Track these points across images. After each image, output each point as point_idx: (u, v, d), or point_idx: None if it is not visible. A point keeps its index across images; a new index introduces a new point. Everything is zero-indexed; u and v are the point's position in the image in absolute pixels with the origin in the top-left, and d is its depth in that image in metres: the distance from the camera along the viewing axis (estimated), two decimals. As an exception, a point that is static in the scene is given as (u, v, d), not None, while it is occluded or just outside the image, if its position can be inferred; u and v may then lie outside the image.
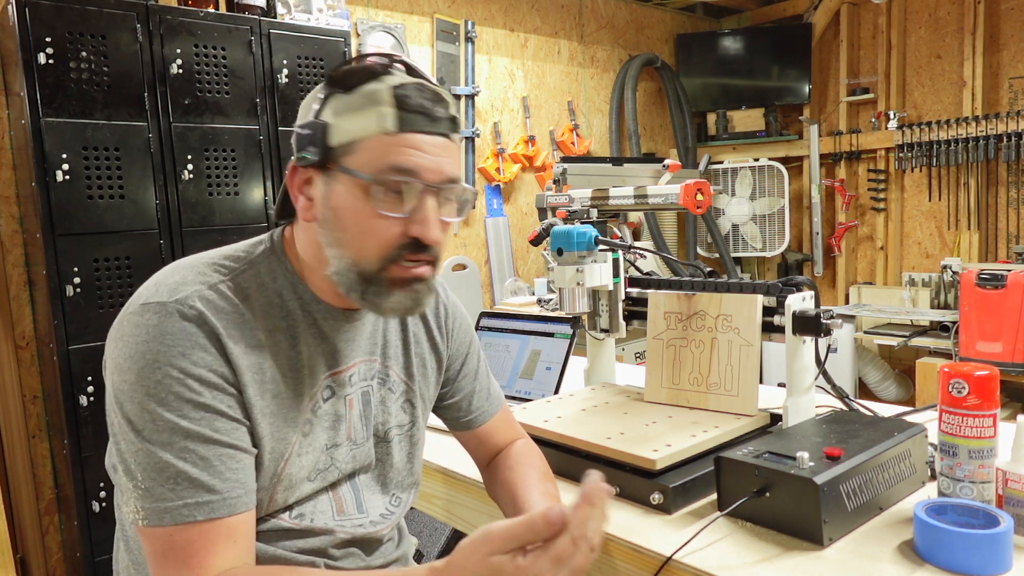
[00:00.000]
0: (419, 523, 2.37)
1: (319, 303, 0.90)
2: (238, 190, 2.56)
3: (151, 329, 0.78)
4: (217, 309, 0.82)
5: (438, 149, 0.83)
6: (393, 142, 0.81)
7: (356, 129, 0.82)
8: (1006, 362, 3.35)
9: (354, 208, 0.82)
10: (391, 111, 0.81)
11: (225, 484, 0.78)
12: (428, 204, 0.83)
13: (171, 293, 0.81)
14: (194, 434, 0.77)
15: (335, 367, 0.92)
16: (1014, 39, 4.08)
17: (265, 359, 0.84)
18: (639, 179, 1.49)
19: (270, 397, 0.84)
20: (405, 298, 0.85)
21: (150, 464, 0.76)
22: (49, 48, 2.15)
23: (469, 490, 1.21)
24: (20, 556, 2.61)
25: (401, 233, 0.83)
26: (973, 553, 0.82)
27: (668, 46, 5.04)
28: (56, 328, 2.21)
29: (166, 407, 0.77)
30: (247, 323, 0.84)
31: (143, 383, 0.77)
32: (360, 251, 0.83)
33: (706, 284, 1.33)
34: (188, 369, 0.78)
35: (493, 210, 4.11)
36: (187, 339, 0.78)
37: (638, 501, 1.06)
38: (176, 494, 0.76)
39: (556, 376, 1.57)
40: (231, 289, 0.84)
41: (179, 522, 0.75)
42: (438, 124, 0.84)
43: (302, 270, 0.90)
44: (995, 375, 0.92)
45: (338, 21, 2.93)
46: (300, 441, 0.87)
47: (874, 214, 4.65)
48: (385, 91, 0.81)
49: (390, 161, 0.81)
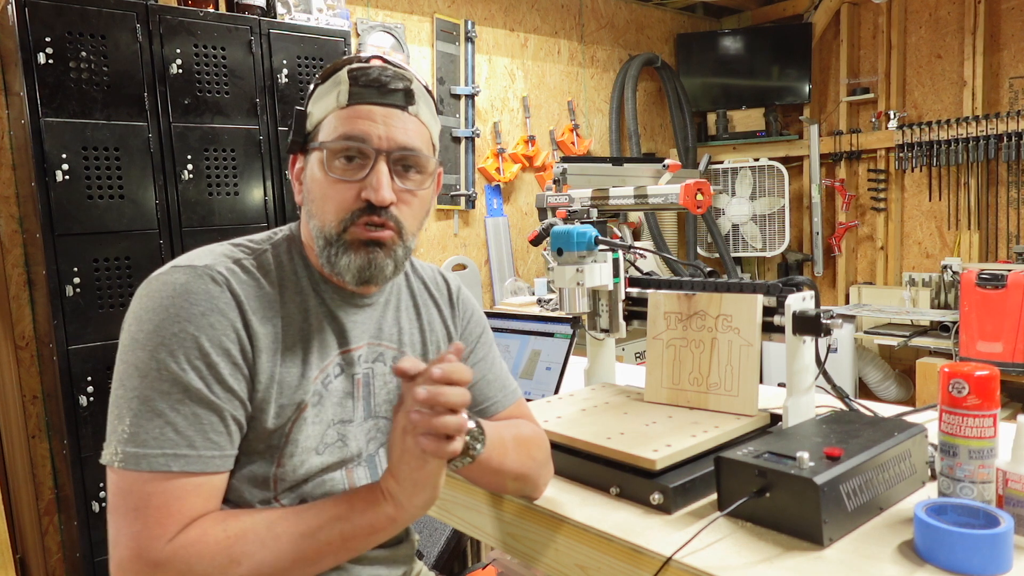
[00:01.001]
0: (419, 523, 2.37)
1: (327, 283, 0.96)
2: (238, 190, 2.56)
3: (178, 287, 0.84)
4: (241, 280, 0.88)
5: (390, 119, 0.90)
6: (345, 114, 0.89)
7: (321, 110, 0.92)
8: (1006, 362, 3.35)
9: (319, 179, 0.91)
10: (345, 87, 0.90)
11: (205, 443, 0.81)
12: (379, 168, 0.89)
13: (201, 261, 0.87)
14: (193, 390, 0.81)
15: (345, 346, 0.96)
16: (1014, 39, 4.08)
17: (280, 329, 0.90)
18: (639, 179, 1.49)
19: (280, 364, 0.89)
20: (360, 259, 0.90)
21: (144, 410, 0.80)
22: (49, 48, 2.15)
23: (469, 490, 1.21)
24: (20, 556, 2.61)
25: (355, 196, 0.89)
26: (973, 553, 0.82)
27: (668, 46, 5.04)
28: (56, 328, 2.21)
29: (175, 359, 0.81)
30: (266, 296, 0.90)
31: (160, 333, 0.81)
32: (323, 216, 0.90)
33: (706, 284, 1.33)
34: (205, 329, 0.83)
35: (493, 210, 4.11)
36: (210, 300, 0.84)
37: (638, 501, 1.06)
38: (158, 443, 0.79)
39: (556, 376, 1.57)
40: (254, 265, 0.91)
41: (154, 469, 0.78)
42: (391, 96, 0.90)
43: (310, 253, 0.96)
44: (995, 375, 0.92)
45: (338, 21, 2.93)
46: (309, 410, 0.91)
47: (874, 214, 4.65)
48: (344, 73, 0.91)
49: (341, 130, 0.89)
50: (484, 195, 4.07)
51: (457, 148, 3.92)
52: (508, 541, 1.14)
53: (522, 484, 1.05)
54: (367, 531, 0.84)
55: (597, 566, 1.00)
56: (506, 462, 0.98)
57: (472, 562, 2.34)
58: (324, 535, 0.83)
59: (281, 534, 0.81)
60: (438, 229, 3.89)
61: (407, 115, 0.91)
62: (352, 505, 0.85)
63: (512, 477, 1.01)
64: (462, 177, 3.94)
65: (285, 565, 0.81)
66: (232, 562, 0.78)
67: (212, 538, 0.79)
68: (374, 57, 0.93)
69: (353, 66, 0.91)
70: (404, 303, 1.06)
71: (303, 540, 0.82)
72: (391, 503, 0.84)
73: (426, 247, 3.84)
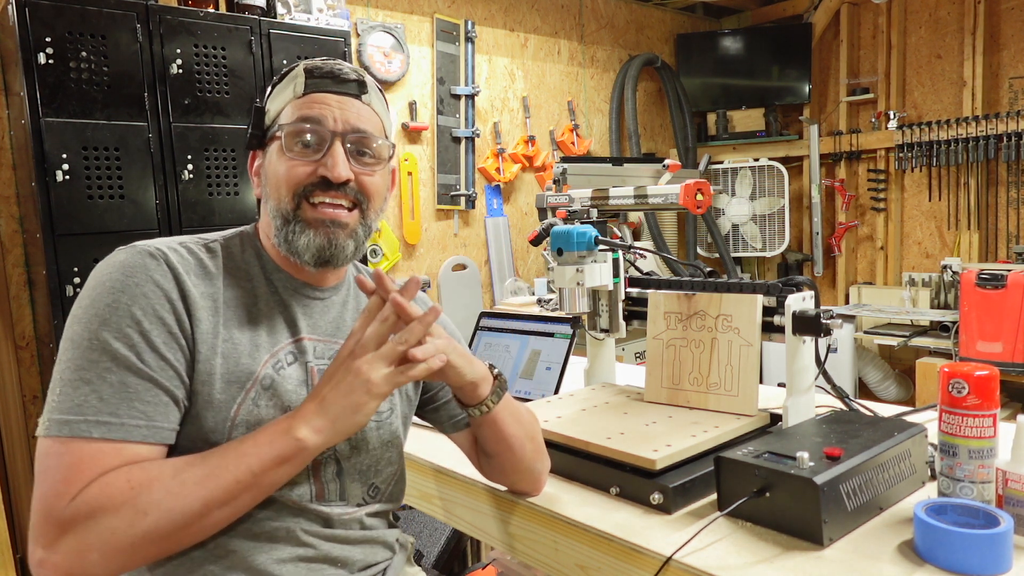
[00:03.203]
0: (419, 523, 2.37)
1: (280, 271, 0.98)
2: (238, 190, 2.56)
3: (117, 264, 0.86)
4: (181, 257, 0.90)
5: (344, 104, 0.94)
6: (302, 101, 0.94)
7: (278, 104, 0.96)
8: (1006, 362, 3.35)
9: (276, 163, 0.94)
10: (302, 79, 0.95)
11: (130, 411, 0.80)
12: (335, 148, 0.92)
13: (144, 244, 0.90)
14: (121, 357, 0.81)
15: (297, 335, 0.96)
16: (1014, 39, 4.08)
17: (223, 305, 0.90)
18: (639, 179, 1.49)
19: (223, 340, 0.89)
20: (320, 238, 0.92)
21: (73, 379, 0.80)
22: (49, 48, 2.15)
23: (467, 489, 1.21)
24: (20, 556, 2.61)
25: (311, 172, 0.92)
26: (973, 553, 0.82)
27: (668, 46, 5.04)
28: (56, 328, 2.21)
29: (107, 327, 0.81)
30: (208, 272, 0.92)
31: (95, 306, 0.83)
32: (278, 194, 0.93)
33: (706, 284, 1.33)
34: (139, 299, 0.83)
35: (493, 210, 4.11)
36: (145, 272, 0.85)
37: (638, 501, 1.06)
38: (81, 410, 0.78)
39: (556, 376, 1.57)
40: (200, 249, 0.94)
41: (75, 435, 0.78)
42: (344, 85, 0.95)
43: (267, 246, 0.98)
44: (995, 375, 0.92)
45: (338, 21, 2.93)
46: (258, 391, 0.89)
47: (874, 214, 4.65)
48: (299, 68, 0.96)
49: (298, 115, 0.93)
50: (484, 195, 4.07)
51: (457, 148, 3.92)
52: (508, 541, 1.14)
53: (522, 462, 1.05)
54: (276, 462, 0.81)
55: (597, 566, 1.00)
56: (513, 430, 1.01)
57: (472, 562, 2.34)
58: (230, 474, 0.79)
59: (187, 480, 0.78)
60: (438, 229, 3.90)
61: (360, 103, 0.96)
62: (256, 440, 0.82)
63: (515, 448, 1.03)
64: (462, 177, 3.94)
65: (196, 509, 0.78)
66: (139, 513, 0.76)
67: (116, 489, 0.76)
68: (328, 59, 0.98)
69: (308, 63, 0.96)
70: (363, 303, 1.05)
71: (210, 481, 0.79)
72: (305, 428, 0.82)
73: (426, 247, 3.84)
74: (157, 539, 0.77)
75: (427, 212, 3.84)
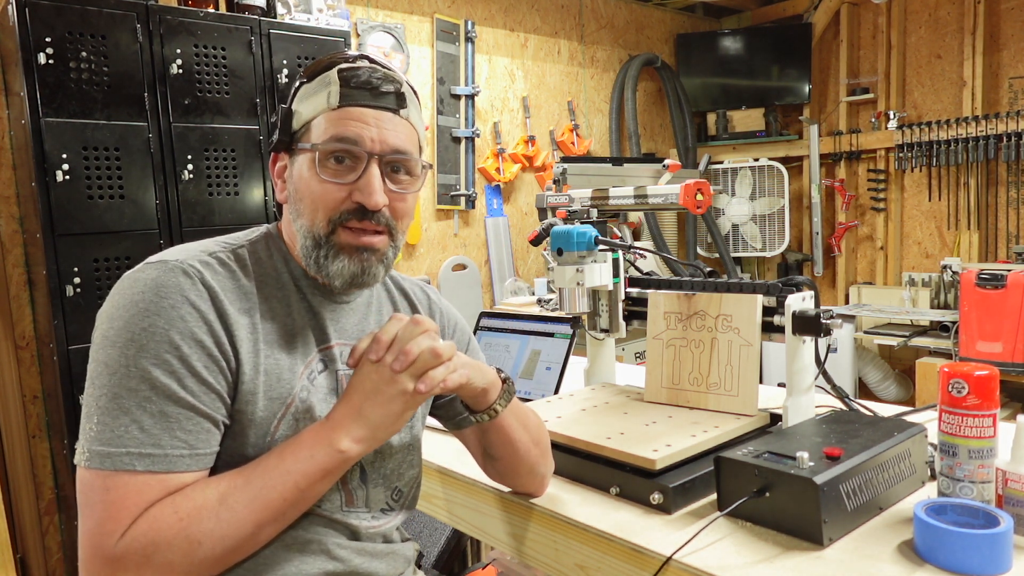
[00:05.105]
0: (419, 523, 2.37)
1: (307, 278, 0.95)
2: (238, 190, 2.56)
3: (149, 282, 0.82)
4: (215, 272, 0.87)
5: (382, 121, 0.90)
6: (337, 115, 0.89)
7: (310, 110, 0.91)
8: (1006, 362, 3.35)
9: (307, 179, 0.90)
10: (336, 88, 0.89)
11: (172, 441, 0.79)
12: (371, 171, 0.89)
13: (173, 256, 0.86)
14: (161, 386, 0.79)
15: (325, 342, 0.95)
16: (1014, 39, 4.08)
17: (260, 321, 0.89)
18: (639, 179, 1.49)
19: (264, 356, 0.87)
20: (352, 264, 0.91)
21: (111, 407, 0.78)
22: (49, 48, 2.15)
23: (469, 490, 1.21)
24: (20, 556, 2.61)
25: (346, 198, 0.89)
26: (973, 553, 0.82)
27: (668, 46, 5.04)
28: (56, 328, 2.21)
29: (145, 354, 0.79)
30: (243, 288, 0.89)
31: (130, 329, 0.80)
32: (312, 216, 0.90)
33: (706, 284, 1.33)
34: (176, 322, 0.81)
35: (493, 210, 4.11)
36: (181, 293, 0.82)
37: (638, 501, 1.06)
38: (123, 442, 0.77)
39: (556, 376, 1.57)
40: (231, 259, 0.91)
41: (118, 468, 0.77)
42: (383, 99, 0.90)
43: (292, 250, 0.96)
44: (995, 375, 0.93)
45: (338, 21, 2.93)
46: (297, 406, 0.89)
47: (874, 214, 4.65)
48: (334, 73, 0.90)
49: (333, 132, 0.89)
50: (484, 195, 4.07)
51: (457, 148, 3.92)
52: (508, 541, 1.14)
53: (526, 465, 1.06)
54: (320, 475, 0.82)
55: (597, 566, 1.00)
56: (519, 435, 1.02)
57: (472, 562, 2.34)
58: (277, 493, 0.80)
59: (234, 504, 0.78)
60: (438, 229, 3.90)
61: (398, 118, 0.92)
62: (297, 454, 0.82)
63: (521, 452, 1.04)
64: (462, 177, 3.94)
65: (248, 532, 0.79)
66: (192, 543, 0.76)
67: (165, 524, 0.76)
68: (360, 57, 0.92)
69: (342, 67, 0.90)
70: (386, 309, 1.05)
71: (257, 503, 0.79)
72: (346, 438, 0.82)
73: (426, 247, 3.84)
74: (212, 564, 0.78)
75: (427, 212, 3.84)
